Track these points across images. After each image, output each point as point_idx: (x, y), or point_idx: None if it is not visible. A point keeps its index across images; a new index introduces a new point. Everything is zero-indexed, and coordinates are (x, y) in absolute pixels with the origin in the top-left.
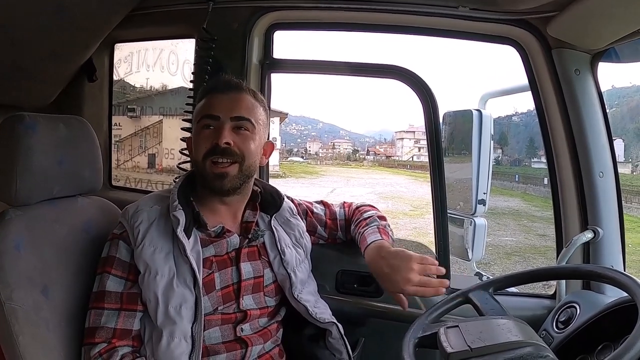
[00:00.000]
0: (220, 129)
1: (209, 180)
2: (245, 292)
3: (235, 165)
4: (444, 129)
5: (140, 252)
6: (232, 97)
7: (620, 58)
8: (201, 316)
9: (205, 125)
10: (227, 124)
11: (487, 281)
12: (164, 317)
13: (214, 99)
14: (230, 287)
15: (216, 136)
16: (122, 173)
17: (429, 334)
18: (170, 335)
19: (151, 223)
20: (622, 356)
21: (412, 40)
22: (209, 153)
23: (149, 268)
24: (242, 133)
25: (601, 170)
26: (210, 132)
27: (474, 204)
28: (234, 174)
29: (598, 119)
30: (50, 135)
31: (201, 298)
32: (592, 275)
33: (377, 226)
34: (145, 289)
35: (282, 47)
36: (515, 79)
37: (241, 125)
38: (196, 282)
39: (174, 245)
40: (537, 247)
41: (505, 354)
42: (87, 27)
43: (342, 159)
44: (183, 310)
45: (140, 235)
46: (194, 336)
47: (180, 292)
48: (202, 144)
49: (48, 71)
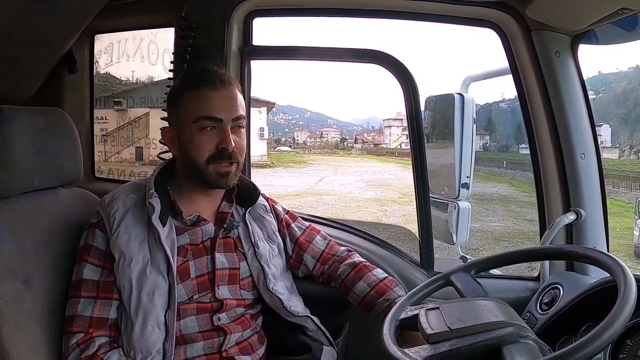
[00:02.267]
0: (225, 133)
1: (212, 180)
2: (221, 281)
3: (235, 164)
4: (427, 114)
5: (115, 240)
6: (229, 95)
7: (599, 40)
8: (174, 303)
9: (206, 126)
10: (229, 126)
11: (469, 263)
12: (137, 304)
13: (210, 97)
14: (205, 276)
15: (222, 140)
16: (111, 166)
17: (410, 316)
18: (143, 322)
19: (127, 211)
20: (602, 334)
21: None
22: (215, 157)
23: (124, 255)
24: (239, 132)
25: (583, 152)
26: (212, 134)
27: (457, 188)
28: (234, 171)
29: (579, 100)
30: (29, 127)
31: (175, 286)
32: (574, 255)
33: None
34: (120, 276)
35: (264, 35)
36: (497, 61)
37: (239, 124)
38: (170, 270)
39: (149, 232)
40: (525, 232)
41: (485, 334)
42: (67, 15)
43: (330, 147)
44: (156, 297)
45: (115, 223)
46: (167, 324)
47: (154, 279)
48: (204, 147)
49: (29, 62)
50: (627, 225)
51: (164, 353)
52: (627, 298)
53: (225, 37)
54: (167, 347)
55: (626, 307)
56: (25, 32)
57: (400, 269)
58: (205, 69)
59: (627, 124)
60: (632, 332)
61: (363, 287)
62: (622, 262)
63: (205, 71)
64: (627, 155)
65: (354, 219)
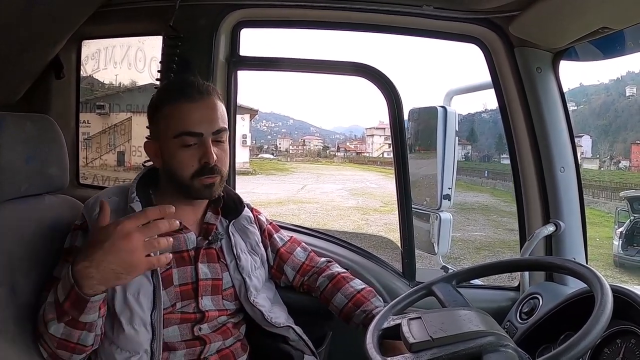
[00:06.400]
0: (206, 147)
1: (197, 192)
2: (204, 292)
3: (219, 176)
4: (411, 125)
5: None
6: (208, 107)
7: (579, 57)
8: (160, 304)
9: (187, 142)
10: (210, 140)
11: (450, 274)
12: (122, 304)
13: (188, 111)
14: (189, 285)
15: (204, 155)
16: (92, 171)
17: (392, 326)
18: (129, 323)
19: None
20: (579, 342)
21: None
22: (198, 173)
23: None
24: (221, 145)
25: (562, 165)
26: (194, 151)
27: (439, 199)
28: (219, 182)
29: (559, 115)
30: (18, 133)
31: (160, 287)
32: (553, 266)
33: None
34: None
35: (250, 45)
36: (480, 76)
37: (221, 137)
38: (154, 272)
39: None
40: (506, 242)
41: (466, 343)
42: (56, 22)
43: (313, 155)
44: (141, 297)
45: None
46: (154, 324)
47: (138, 280)
48: (187, 164)
49: (16, 67)
50: (607, 234)
51: (152, 353)
52: (603, 307)
53: (213, 47)
54: (154, 348)
55: (602, 316)
56: (13, 36)
57: (383, 279)
58: (183, 81)
59: (607, 135)
60: (610, 341)
61: (341, 300)
62: (599, 273)
63: (183, 83)
64: (607, 166)
65: (336, 228)
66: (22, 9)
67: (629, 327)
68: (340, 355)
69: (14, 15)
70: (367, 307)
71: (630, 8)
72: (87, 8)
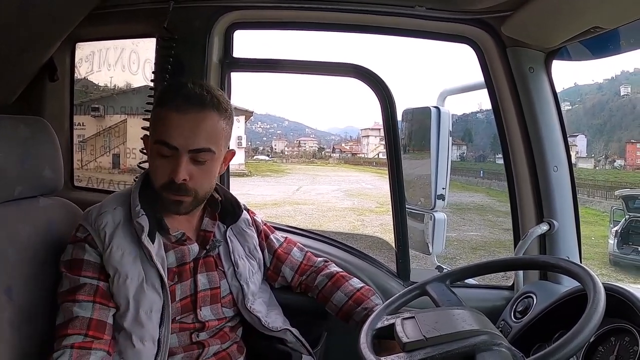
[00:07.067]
0: (177, 163)
1: (166, 204)
2: (203, 303)
3: (190, 197)
4: (404, 126)
5: (109, 256)
6: (193, 121)
7: (572, 56)
8: (168, 319)
9: (161, 152)
10: (184, 158)
11: (444, 273)
12: (134, 321)
13: (170, 120)
14: (188, 298)
15: (173, 170)
16: (86, 174)
17: (387, 325)
18: (140, 340)
19: (117, 226)
20: (572, 340)
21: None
22: (166, 187)
23: (119, 272)
24: (200, 166)
25: (555, 164)
26: (166, 162)
27: (433, 199)
28: (189, 202)
29: (552, 115)
30: (11, 136)
31: (169, 301)
32: (547, 265)
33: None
34: (116, 293)
35: (243, 47)
36: (473, 76)
37: (200, 157)
38: (164, 286)
39: (140, 249)
40: (502, 241)
41: (459, 342)
42: (50, 23)
43: (308, 157)
44: (153, 314)
45: (107, 238)
46: (161, 339)
47: (150, 296)
48: (158, 173)
49: (16, 67)
50: (602, 233)
51: None
52: (596, 306)
53: (207, 49)
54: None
55: (595, 314)
56: (14, 36)
57: (377, 279)
58: (181, 86)
59: (602, 135)
60: (604, 338)
61: (341, 297)
62: (592, 271)
63: (179, 90)
64: (602, 165)
65: (332, 229)
66: (21, 8)
67: (623, 325)
68: (335, 355)
69: (14, 15)
70: (367, 305)
71: (621, 8)
72: (81, 10)
